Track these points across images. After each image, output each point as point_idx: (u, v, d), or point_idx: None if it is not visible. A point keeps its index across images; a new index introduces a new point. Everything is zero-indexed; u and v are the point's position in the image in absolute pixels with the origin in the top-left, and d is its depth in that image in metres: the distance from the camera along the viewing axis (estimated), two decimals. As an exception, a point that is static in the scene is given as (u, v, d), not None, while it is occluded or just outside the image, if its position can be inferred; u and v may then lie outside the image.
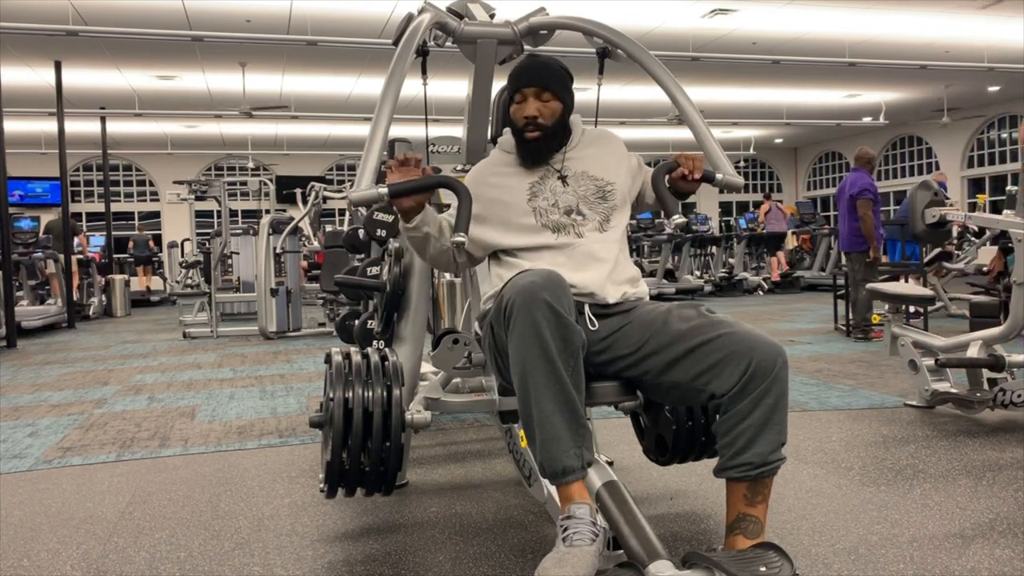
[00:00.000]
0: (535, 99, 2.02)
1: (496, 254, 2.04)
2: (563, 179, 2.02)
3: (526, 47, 2.65)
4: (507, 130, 2.11)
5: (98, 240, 13.14)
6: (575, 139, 2.09)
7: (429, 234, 1.94)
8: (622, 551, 1.59)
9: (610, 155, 2.10)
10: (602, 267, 1.92)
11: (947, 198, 3.95)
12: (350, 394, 1.95)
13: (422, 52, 2.25)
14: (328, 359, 2.09)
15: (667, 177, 1.99)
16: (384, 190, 1.80)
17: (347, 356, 2.08)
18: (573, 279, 1.86)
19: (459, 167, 2.80)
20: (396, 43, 2.39)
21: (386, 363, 2.05)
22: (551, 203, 1.98)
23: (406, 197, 1.83)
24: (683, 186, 2.01)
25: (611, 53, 2.44)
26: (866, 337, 6.71)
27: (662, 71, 2.28)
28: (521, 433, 1.99)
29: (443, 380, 2.36)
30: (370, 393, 1.96)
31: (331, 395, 1.96)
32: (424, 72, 2.30)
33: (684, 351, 1.73)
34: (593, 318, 1.86)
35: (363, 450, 1.93)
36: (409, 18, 2.29)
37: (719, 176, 2.09)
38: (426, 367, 2.90)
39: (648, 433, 2.41)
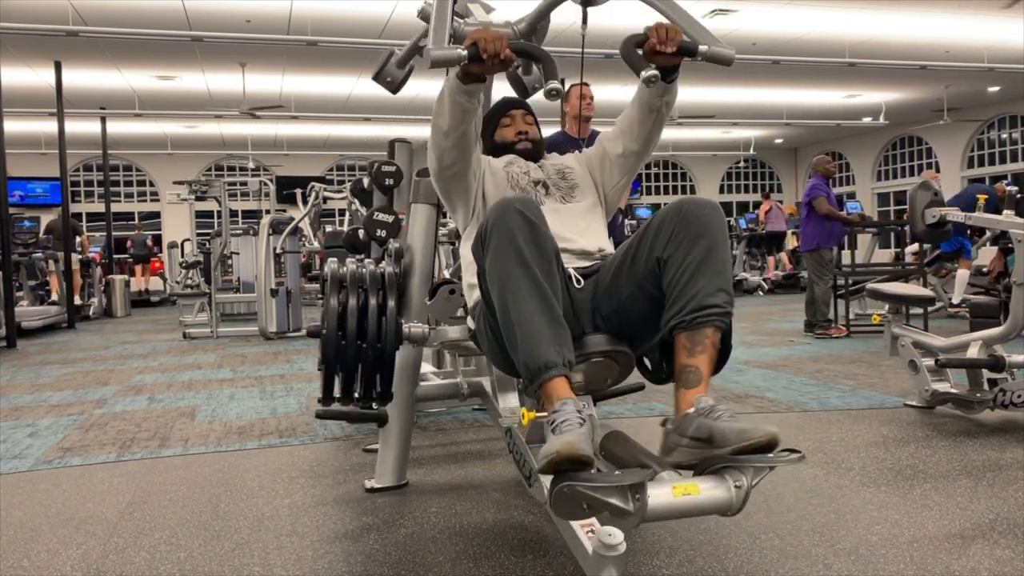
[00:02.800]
0: (522, 120, 2.39)
1: (464, 239, 2.22)
2: (538, 166, 2.31)
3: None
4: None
5: (95, 249, 13.10)
6: (545, 156, 2.42)
7: (476, 108, 2.00)
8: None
9: (567, 157, 2.40)
10: (575, 225, 2.13)
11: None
12: (346, 299, 1.98)
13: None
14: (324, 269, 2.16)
15: (638, 51, 1.90)
16: (464, 52, 1.78)
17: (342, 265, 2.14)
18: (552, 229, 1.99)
19: None
20: (376, 78, 2.52)
21: (384, 274, 2.09)
22: (523, 171, 2.26)
23: (487, 62, 1.82)
24: (660, 61, 1.94)
25: (591, 0, 2.38)
26: (826, 334, 6.83)
27: None
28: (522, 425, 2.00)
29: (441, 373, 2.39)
30: (365, 282, 2.01)
31: (329, 283, 1.99)
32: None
33: (635, 246, 1.87)
34: (580, 277, 1.96)
35: (359, 335, 1.94)
36: (390, 53, 2.39)
37: (703, 47, 1.91)
38: (426, 367, 2.91)
39: (652, 355, 2.23)
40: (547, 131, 2.61)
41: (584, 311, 1.93)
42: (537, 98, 2.49)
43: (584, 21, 2.43)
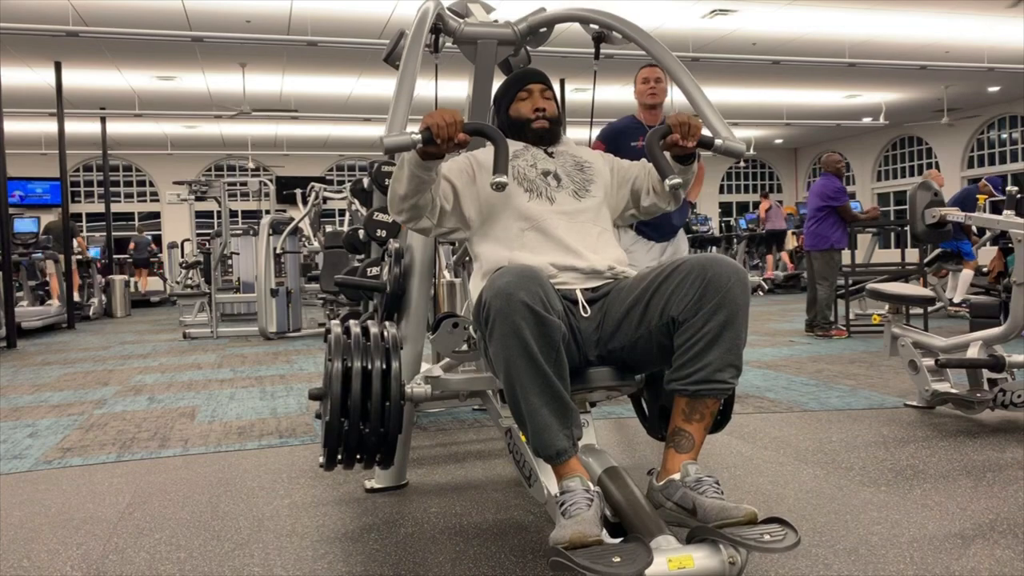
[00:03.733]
0: (540, 95, 2.24)
1: (475, 238, 2.15)
2: (549, 154, 2.21)
3: (527, 48, 2.66)
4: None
5: (94, 252, 13.07)
6: (563, 141, 2.30)
7: (434, 180, 1.97)
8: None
9: (590, 152, 2.30)
10: (586, 235, 2.07)
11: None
12: (349, 362, 1.97)
13: (435, 30, 2.32)
14: (327, 332, 2.11)
15: (661, 143, 1.95)
16: (417, 137, 1.78)
17: (346, 329, 2.11)
18: (558, 260, 2.00)
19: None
20: (387, 59, 2.48)
21: (385, 334, 2.07)
22: (530, 164, 2.15)
23: (441, 146, 1.81)
24: (680, 152, 1.99)
25: (606, 36, 2.44)
26: (827, 335, 6.85)
27: (655, 44, 2.29)
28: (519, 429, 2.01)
29: (444, 365, 2.39)
30: (369, 361, 1.99)
31: (331, 364, 1.97)
32: (436, 50, 2.38)
33: (651, 291, 1.84)
34: (587, 304, 1.94)
35: (362, 419, 1.95)
36: (401, 35, 2.35)
37: (718, 142, 1.99)
38: (426, 367, 2.90)
39: (651, 407, 2.31)
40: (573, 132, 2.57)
41: (589, 340, 1.91)
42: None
43: (596, 56, 2.52)
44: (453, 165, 2.14)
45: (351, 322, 2.16)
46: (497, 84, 2.52)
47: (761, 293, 12.54)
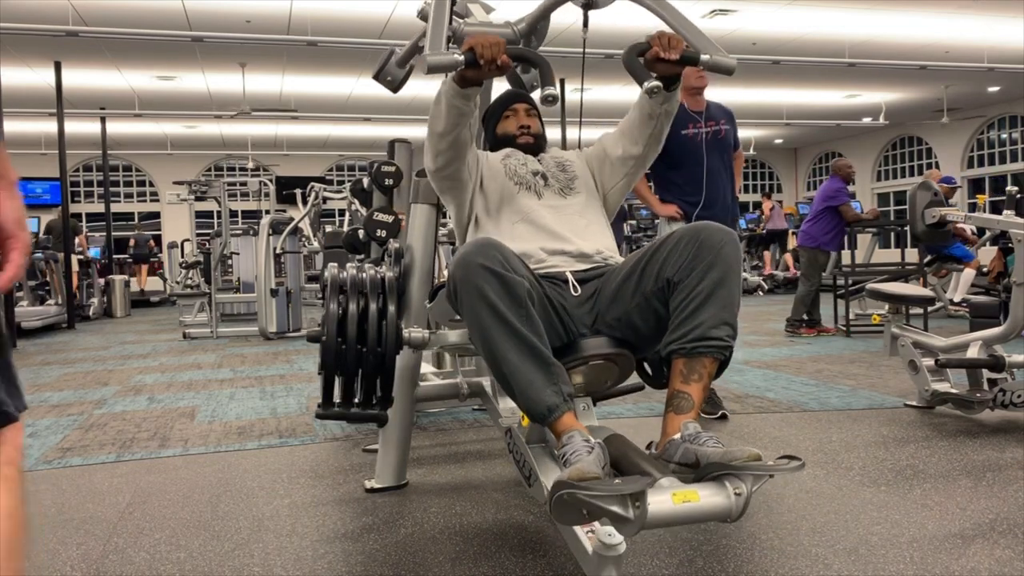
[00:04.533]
0: (524, 114, 2.40)
1: (468, 232, 2.24)
2: (538, 159, 2.32)
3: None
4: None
5: (94, 252, 13.08)
6: (547, 150, 2.43)
7: (472, 111, 2.00)
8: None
9: (568, 153, 2.41)
10: (574, 224, 2.13)
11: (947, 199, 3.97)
12: (346, 303, 2.00)
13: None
14: (324, 274, 2.17)
15: (641, 60, 1.90)
16: (460, 57, 1.77)
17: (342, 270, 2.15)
18: (547, 245, 2.05)
19: None
20: (376, 77, 2.52)
21: (384, 278, 2.10)
22: (521, 163, 2.26)
23: (483, 68, 1.80)
24: (662, 69, 1.93)
25: (593, 3, 2.39)
26: (795, 332, 6.91)
27: None
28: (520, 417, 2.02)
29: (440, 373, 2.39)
30: (366, 287, 2.03)
31: (328, 290, 2.00)
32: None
33: (646, 260, 1.87)
34: (576, 284, 1.98)
35: (359, 340, 1.96)
36: (391, 53, 2.39)
37: (704, 56, 1.89)
38: (426, 367, 2.90)
39: (651, 361, 2.20)
40: (550, 131, 2.58)
41: (580, 316, 1.95)
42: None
43: (585, 24, 2.46)
44: (470, 156, 2.21)
45: (348, 266, 2.21)
46: (498, 83, 2.53)
47: (761, 293, 12.54)
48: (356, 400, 2.11)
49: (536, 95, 2.09)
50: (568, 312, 1.93)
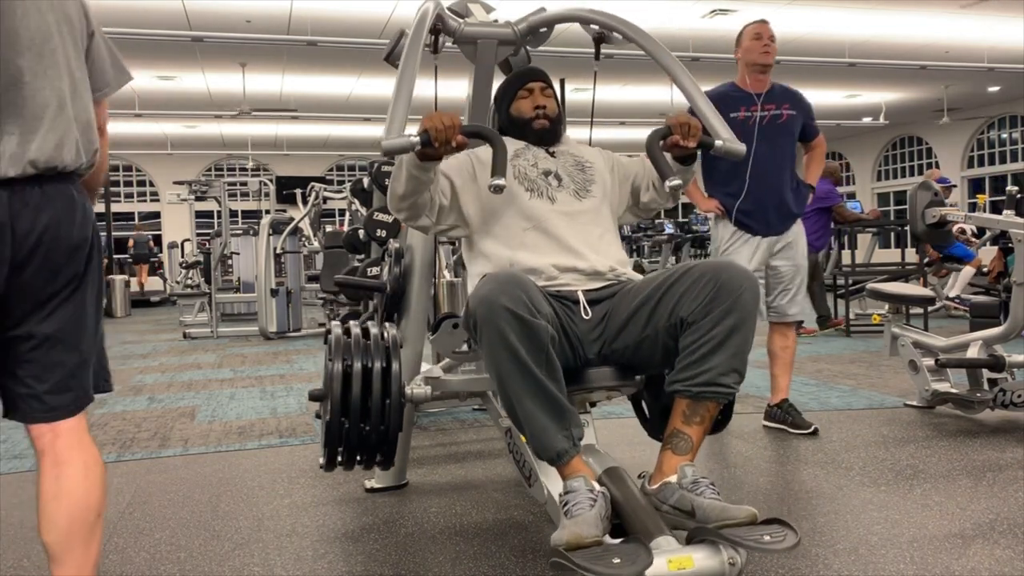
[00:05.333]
0: (540, 94, 2.24)
1: (475, 236, 2.15)
2: (551, 153, 2.21)
3: (527, 48, 2.65)
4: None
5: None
6: (564, 140, 2.29)
7: (432, 180, 1.97)
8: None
9: (591, 151, 2.30)
10: (588, 235, 2.06)
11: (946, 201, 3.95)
12: (350, 361, 1.98)
13: (435, 30, 2.32)
14: (328, 333, 2.12)
15: (661, 144, 1.96)
16: (416, 139, 1.78)
17: (346, 329, 2.12)
18: (559, 261, 1.99)
19: None
20: (387, 59, 2.47)
21: (385, 335, 2.08)
22: (531, 163, 2.15)
23: (439, 147, 1.81)
24: (679, 152, 1.99)
25: (607, 37, 2.44)
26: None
27: (655, 45, 2.28)
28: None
29: (444, 366, 2.39)
30: (369, 360, 2.00)
31: (331, 364, 1.98)
32: (436, 50, 2.36)
33: (662, 291, 1.84)
34: (587, 306, 1.93)
35: (363, 417, 1.96)
36: (401, 34, 2.35)
37: (718, 143, 1.99)
38: (426, 367, 2.90)
39: (652, 408, 2.29)
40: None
41: (589, 339, 1.91)
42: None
43: (597, 56, 2.50)
44: (453, 162, 2.14)
45: (351, 323, 2.17)
46: (497, 84, 2.52)
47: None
48: (359, 459, 2.10)
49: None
50: (578, 336, 1.90)
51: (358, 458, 2.07)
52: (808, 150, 3.67)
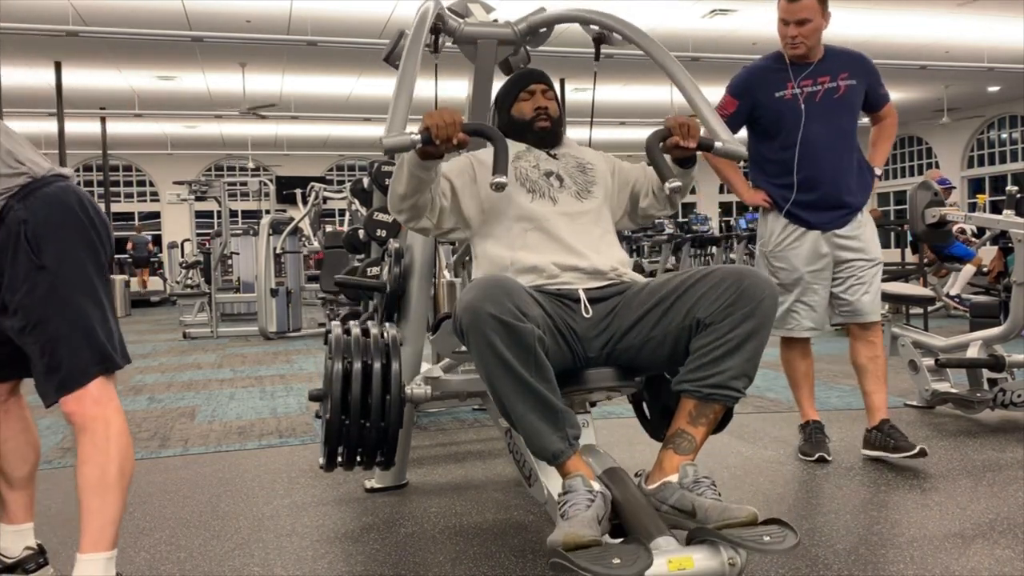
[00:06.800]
0: (542, 95, 2.23)
1: (476, 238, 2.14)
2: (552, 155, 2.20)
3: (526, 47, 2.65)
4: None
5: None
6: (565, 142, 2.29)
7: (433, 179, 1.97)
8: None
9: (592, 153, 2.30)
10: (589, 235, 2.05)
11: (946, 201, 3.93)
12: (350, 360, 1.98)
13: (435, 30, 2.32)
14: (328, 333, 2.13)
15: (661, 145, 1.95)
16: (417, 137, 1.78)
17: (346, 329, 2.12)
18: (560, 259, 1.98)
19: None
20: (387, 59, 2.46)
21: (384, 334, 2.09)
22: (532, 165, 2.14)
23: (440, 145, 1.81)
24: (679, 154, 1.98)
25: (607, 38, 2.44)
26: None
27: (654, 46, 2.28)
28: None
29: (444, 366, 2.39)
30: (369, 359, 2.00)
31: (331, 363, 1.98)
32: (436, 50, 2.37)
33: (678, 293, 1.82)
34: (588, 305, 1.92)
35: (363, 415, 1.96)
36: (401, 34, 2.35)
37: (718, 144, 1.98)
38: (426, 367, 2.90)
39: (652, 408, 2.26)
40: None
41: (590, 337, 1.89)
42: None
43: (596, 57, 2.50)
44: (453, 164, 2.14)
45: (351, 323, 2.17)
46: (497, 84, 2.52)
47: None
48: (359, 460, 2.10)
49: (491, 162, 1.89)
50: (577, 335, 1.88)
51: (358, 458, 2.07)
52: (875, 122, 3.12)
